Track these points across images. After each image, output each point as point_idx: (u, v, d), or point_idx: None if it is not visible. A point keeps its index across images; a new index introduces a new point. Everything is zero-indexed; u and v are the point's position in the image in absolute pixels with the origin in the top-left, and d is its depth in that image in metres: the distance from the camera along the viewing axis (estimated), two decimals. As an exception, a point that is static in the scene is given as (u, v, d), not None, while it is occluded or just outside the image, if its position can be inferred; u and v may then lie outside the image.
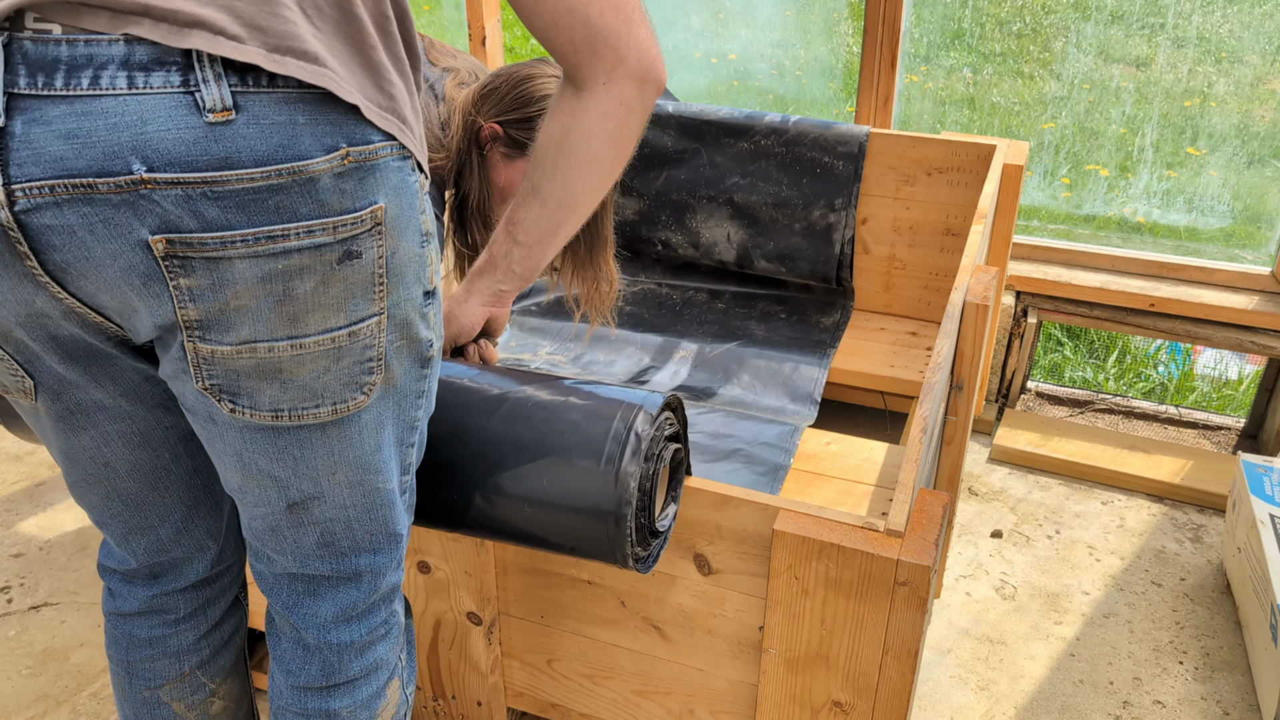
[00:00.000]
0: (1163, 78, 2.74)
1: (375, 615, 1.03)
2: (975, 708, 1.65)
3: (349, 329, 0.83)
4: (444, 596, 1.38)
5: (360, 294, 0.82)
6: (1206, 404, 2.77)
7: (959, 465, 1.65)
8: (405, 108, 0.81)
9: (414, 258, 0.85)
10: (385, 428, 0.92)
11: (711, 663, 1.29)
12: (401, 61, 0.82)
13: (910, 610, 1.08)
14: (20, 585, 1.91)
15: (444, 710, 1.50)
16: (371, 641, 1.04)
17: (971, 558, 1.95)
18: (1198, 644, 1.77)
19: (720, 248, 2.28)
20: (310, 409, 0.86)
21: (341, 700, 1.04)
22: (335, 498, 0.93)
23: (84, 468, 0.99)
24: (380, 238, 0.81)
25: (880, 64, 2.17)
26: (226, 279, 0.76)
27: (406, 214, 0.83)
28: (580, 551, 1.06)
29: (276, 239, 0.76)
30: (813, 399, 1.99)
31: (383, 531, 0.98)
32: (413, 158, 0.83)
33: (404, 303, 0.86)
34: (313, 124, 0.74)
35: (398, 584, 1.05)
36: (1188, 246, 2.57)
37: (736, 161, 2.20)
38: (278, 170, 0.73)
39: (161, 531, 1.07)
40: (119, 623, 1.14)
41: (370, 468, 0.93)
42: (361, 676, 1.04)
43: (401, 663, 1.10)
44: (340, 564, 0.99)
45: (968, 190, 2.07)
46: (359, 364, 0.85)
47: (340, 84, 0.75)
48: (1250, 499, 1.76)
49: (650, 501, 1.04)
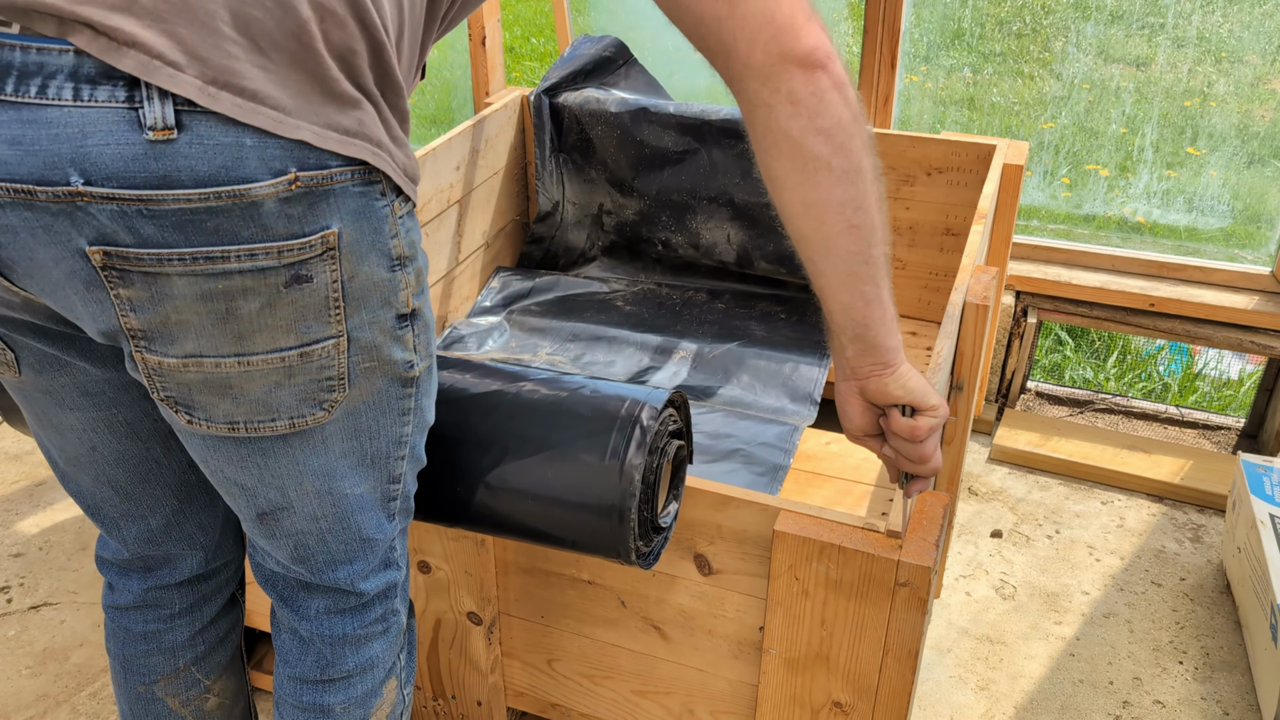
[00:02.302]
0: (1163, 78, 2.74)
1: (369, 612, 1.03)
2: (975, 707, 1.65)
3: (300, 350, 0.81)
4: (444, 596, 1.38)
5: (313, 317, 0.81)
6: (1207, 404, 2.77)
7: (959, 465, 1.65)
8: (379, 132, 0.79)
9: (379, 282, 0.83)
10: (356, 441, 0.91)
11: (711, 663, 1.29)
12: (372, 92, 0.79)
13: (910, 611, 1.08)
14: (20, 585, 1.91)
15: (444, 710, 1.50)
16: (366, 637, 1.04)
17: (971, 558, 1.95)
18: (1198, 644, 1.77)
19: (720, 248, 2.28)
20: (266, 423, 0.85)
21: (336, 696, 1.04)
22: (304, 509, 0.93)
23: (73, 447, 0.99)
24: (333, 263, 0.79)
25: (880, 64, 2.17)
26: (166, 293, 0.76)
27: (368, 239, 0.80)
28: (583, 546, 1.06)
29: (215, 260, 0.75)
30: (812, 399, 1.99)
31: (356, 540, 0.97)
32: (383, 182, 0.80)
33: (368, 326, 0.84)
34: (261, 147, 0.73)
35: (393, 583, 1.04)
36: (1188, 246, 2.57)
37: (737, 163, 2.20)
38: (217, 193, 0.72)
39: (152, 522, 1.07)
40: (115, 616, 1.14)
41: (337, 476, 0.92)
42: (356, 673, 1.04)
43: (400, 662, 1.09)
44: (319, 576, 0.99)
45: (968, 190, 2.07)
46: (316, 382, 0.84)
47: (282, 120, 0.73)
48: (1250, 499, 1.76)
49: (653, 495, 1.04)
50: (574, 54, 2.34)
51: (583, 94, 2.28)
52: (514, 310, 2.27)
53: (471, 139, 2.15)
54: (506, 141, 2.30)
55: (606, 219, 2.38)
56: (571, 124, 2.29)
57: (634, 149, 2.25)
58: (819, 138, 0.85)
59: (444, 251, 2.13)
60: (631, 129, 2.23)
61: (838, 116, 0.84)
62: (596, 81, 2.33)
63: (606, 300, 2.31)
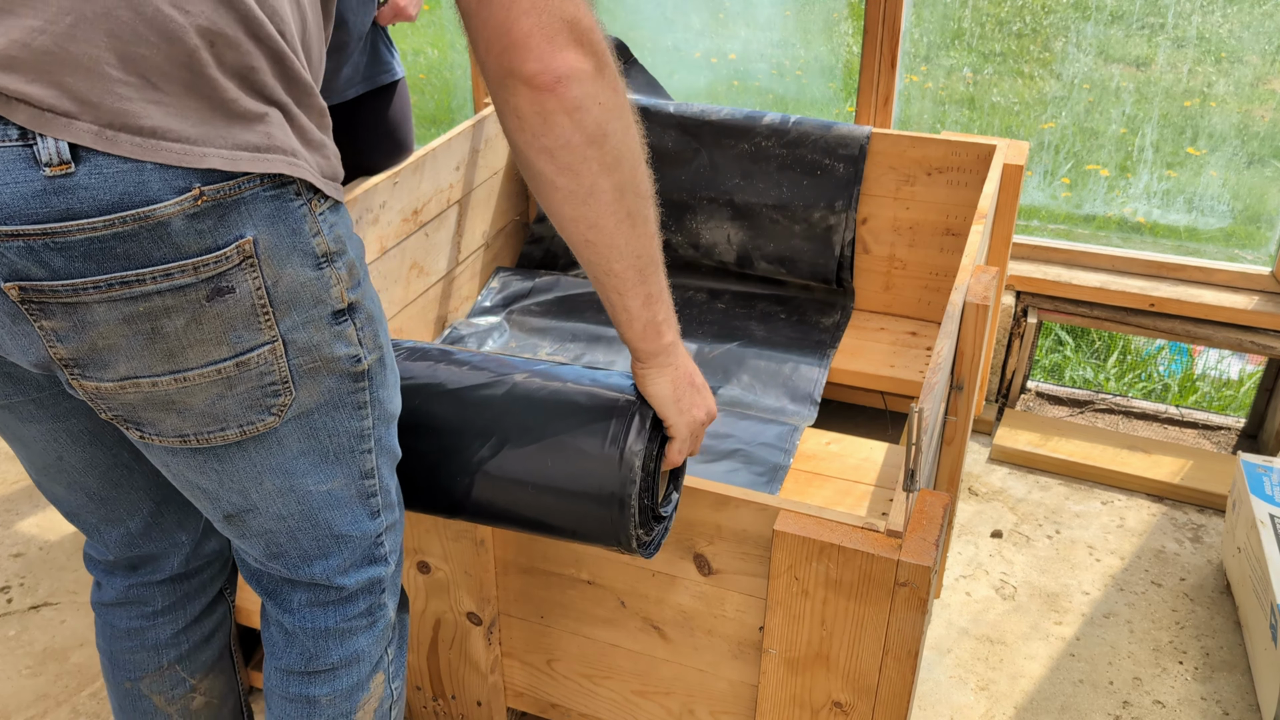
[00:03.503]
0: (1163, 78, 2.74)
1: (352, 605, 1.03)
2: (975, 708, 1.65)
3: (235, 360, 0.81)
4: (444, 596, 1.38)
5: (242, 326, 0.80)
6: (1207, 404, 2.77)
7: (959, 465, 1.65)
8: (292, 140, 0.79)
9: (307, 282, 0.82)
10: (314, 441, 0.91)
11: (711, 663, 1.29)
12: (281, 100, 0.78)
13: (910, 611, 1.08)
14: (20, 585, 1.91)
15: (444, 710, 1.50)
16: (350, 631, 1.04)
17: (971, 558, 1.95)
18: (1198, 644, 1.77)
19: (720, 249, 2.28)
20: (216, 432, 0.86)
21: (321, 688, 1.04)
22: (269, 509, 0.93)
23: (40, 457, 1.00)
24: (254, 270, 0.79)
25: (880, 64, 2.17)
26: (88, 321, 0.76)
27: (287, 242, 0.80)
28: (583, 535, 1.06)
29: (131, 284, 0.75)
30: (812, 399, 1.99)
31: (328, 536, 0.97)
32: (297, 183, 0.80)
33: (303, 327, 0.84)
34: (163, 167, 0.72)
35: (377, 579, 1.04)
36: (1188, 246, 2.58)
37: (737, 163, 2.20)
38: (122, 218, 0.72)
39: (130, 525, 1.07)
40: (102, 613, 1.15)
41: (298, 474, 0.92)
42: (342, 666, 1.04)
43: (389, 656, 1.09)
44: (295, 572, 0.99)
45: (968, 190, 2.07)
46: (259, 389, 0.84)
47: (187, 151, 0.73)
48: (1250, 499, 1.76)
49: (653, 482, 1.04)
50: (574, 54, 2.33)
51: (583, 94, 2.27)
52: (514, 310, 2.27)
53: (471, 139, 2.15)
54: (506, 141, 2.30)
55: (606, 219, 2.38)
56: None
57: (634, 149, 2.25)
58: (543, 155, 0.86)
59: (444, 251, 2.13)
60: (631, 129, 2.23)
61: (565, 139, 0.84)
62: (596, 81, 2.32)
63: (606, 300, 2.31)
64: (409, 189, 1.94)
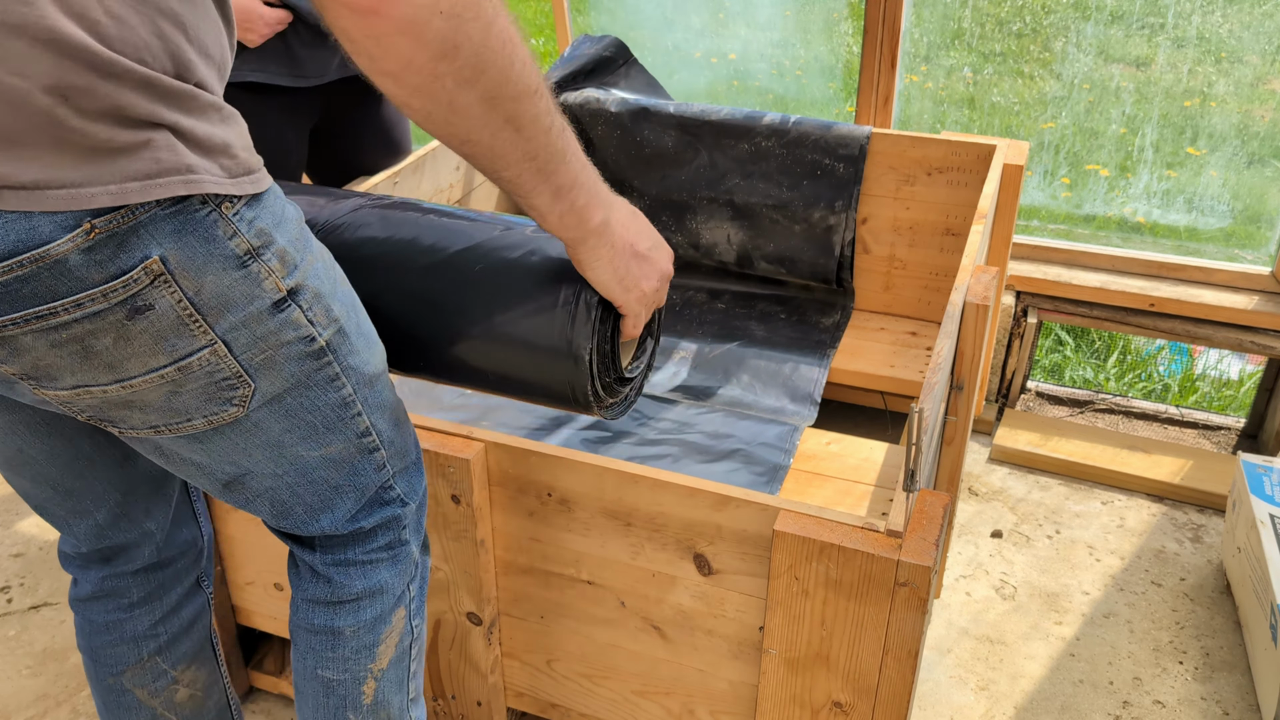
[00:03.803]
0: (1163, 78, 2.74)
1: (373, 540, 1.03)
2: (975, 708, 1.65)
3: (176, 365, 0.81)
4: (444, 596, 1.38)
5: (174, 335, 0.80)
6: (1207, 404, 2.77)
7: (959, 465, 1.65)
8: (185, 156, 0.77)
9: (233, 283, 0.81)
10: (293, 419, 0.91)
11: (711, 663, 1.29)
12: (165, 118, 0.76)
13: (910, 611, 1.08)
14: (20, 585, 1.91)
15: (444, 710, 1.50)
16: (372, 562, 1.04)
17: (971, 558, 1.95)
18: (1198, 644, 1.77)
19: (720, 249, 2.28)
20: (184, 424, 0.86)
21: (346, 619, 1.04)
22: (264, 470, 0.93)
23: (3, 449, 1.01)
24: (170, 285, 0.78)
25: (880, 64, 2.17)
26: (21, 348, 0.77)
27: (201, 251, 0.78)
28: (541, 392, 1.05)
29: (45, 317, 0.75)
30: (812, 399, 1.99)
31: (329, 489, 0.97)
32: (199, 194, 0.78)
33: (244, 325, 0.83)
34: (52, 213, 0.72)
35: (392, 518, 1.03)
36: (1188, 246, 2.58)
37: (737, 163, 2.20)
38: (19, 262, 0.72)
39: (98, 516, 1.08)
40: (80, 608, 1.16)
41: (287, 446, 0.92)
42: (365, 597, 1.04)
43: (410, 593, 1.09)
44: (305, 528, 1.00)
45: (968, 190, 2.07)
46: (213, 385, 0.84)
47: (74, 195, 0.72)
48: (1250, 499, 1.76)
49: (613, 336, 1.03)
50: (574, 54, 2.34)
51: (583, 94, 2.28)
52: (514, 310, 2.27)
53: (471, 139, 2.15)
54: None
55: (606, 219, 2.38)
56: (571, 124, 2.29)
57: (634, 149, 2.25)
58: (387, 80, 0.77)
59: (444, 251, 2.13)
60: (631, 129, 2.23)
61: (406, 60, 0.74)
62: (596, 81, 2.33)
63: (606, 300, 2.31)
64: (409, 189, 1.94)
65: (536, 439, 1.68)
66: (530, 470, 1.25)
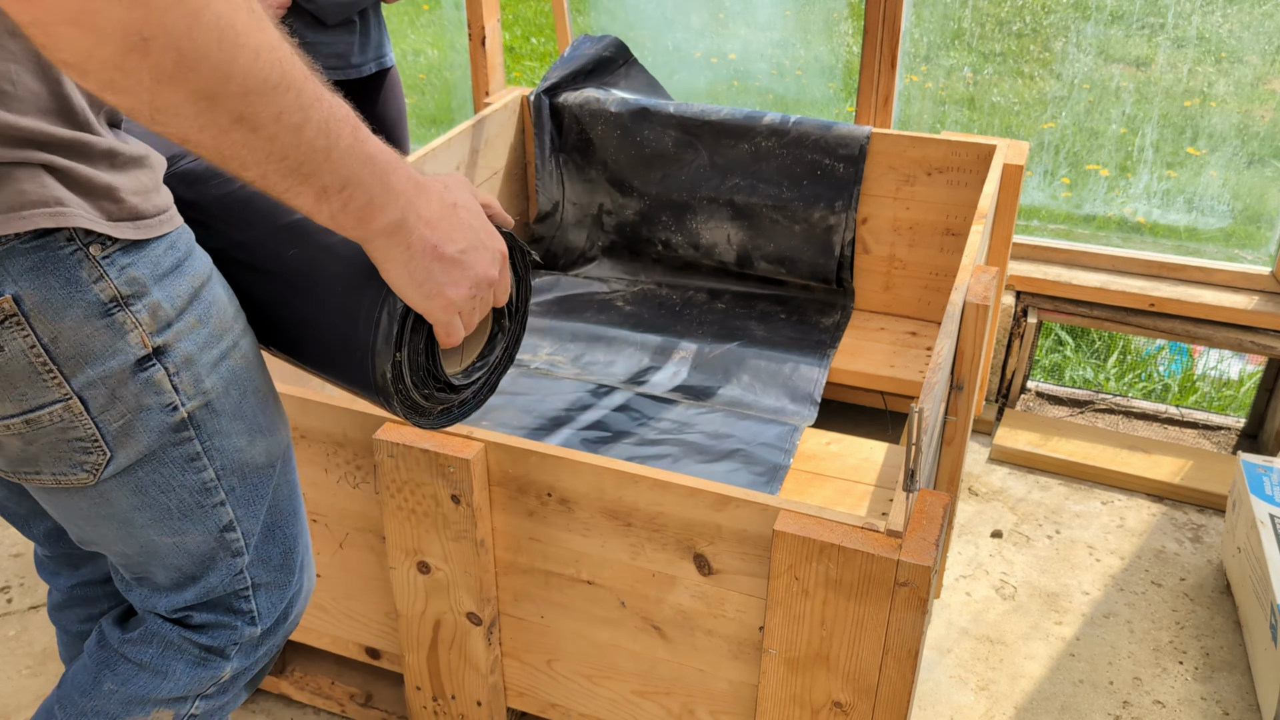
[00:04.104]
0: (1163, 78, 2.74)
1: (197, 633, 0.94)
2: (975, 708, 1.65)
3: (23, 417, 0.77)
4: (444, 596, 1.38)
5: (24, 384, 0.75)
6: (1207, 404, 2.77)
7: (959, 465, 1.65)
8: (56, 190, 0.73)
9: (95, 333, 0.76)
10: (145, 497, 0.84)
11: (711, 663, 1.29)
12: (33, 156, 0.73)
13: (910, 610, 1.08)
14: (20, 585, 1.91)
15: (444, 710, 1.50)
16: (176, 646, 0.96)
17: (971, 558, 1.95)
18: (1198, 644, 1.77)
19: (720, 249, 2.28)
20: (32, 474, 0.82)
21: (110, 677, 0.97)
22: (111, 547, 0.89)
23: None
24: (22, 328, 0.73)
25: (880, 64, 2.17)
26: None
27: (60, 294, 0.74)
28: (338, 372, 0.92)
29: None
30: (812, 399, 1.99)
31: (184, 577, 0.91)
32: (67, 230, 0.73)
33: (103, 381, 0.77)
34: None
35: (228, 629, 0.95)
36: (1188, 246, 2.58)
37: (737, 163, 2.20)
38: None
39: (49, 522, 1.04)
40: (55, 618, 1.12)
41: (137, 526, 0.85)
42: (146, 667, 0.97)
43: (193, 710, 0.99)
44: (147, 601, 0.94)
45: (968, 190, 2.07)
46: (65, 444, 0.79)
47: None
48: (1250, 499, 1.76)
49: (427, 362, 0.90)
50: (574, 54, 2.34)
51: (583, 94, 2.28)
52: (514, 310, 2.27)
53: (471, 139, 2.15)
54: (506, 141, 2.30)
55: (606, 219, 2.38)
56: (571, 124, 2.29)
57: (634, 149, 2.25)
58: (71, 71, 0.62)
59: (444, 251, 2.13)
60: (631, 129, 2.23)
61: (86, 53, 0.60)
62: (596, 81, 2.33)
63: (606, 300, 2.32)
64: (409, 189, 1.94)
65: (536, 439, 1.68)
66: (530, 470, 1.25)
